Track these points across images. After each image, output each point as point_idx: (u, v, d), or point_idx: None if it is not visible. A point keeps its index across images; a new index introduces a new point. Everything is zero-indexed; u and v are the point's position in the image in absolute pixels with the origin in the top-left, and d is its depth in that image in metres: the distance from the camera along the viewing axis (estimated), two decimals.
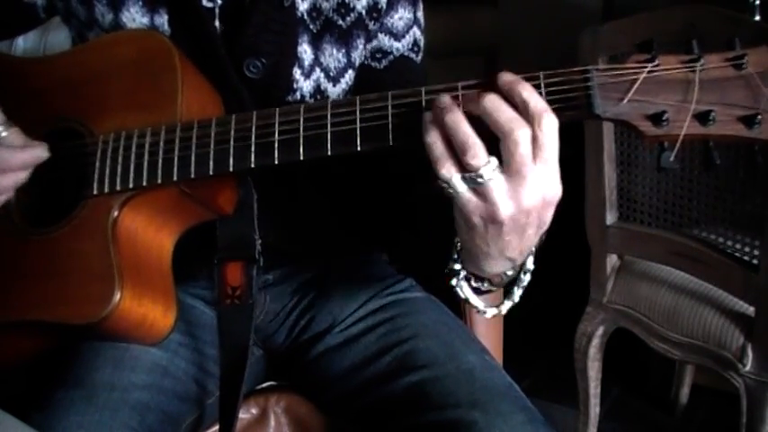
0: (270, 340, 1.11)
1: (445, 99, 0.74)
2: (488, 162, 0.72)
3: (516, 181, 0.72)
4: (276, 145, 0.83)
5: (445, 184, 0.73)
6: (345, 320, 1.06)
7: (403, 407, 0.94)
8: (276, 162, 0.84)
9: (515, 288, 0.84)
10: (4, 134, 0.87)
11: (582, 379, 1.79)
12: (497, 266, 0.80)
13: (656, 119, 0.73)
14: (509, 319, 1.26)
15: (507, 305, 0.85)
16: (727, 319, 1.49)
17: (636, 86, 0.73)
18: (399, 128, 0.79)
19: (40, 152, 0.89)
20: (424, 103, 0.78)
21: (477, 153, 0.71)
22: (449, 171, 0.73)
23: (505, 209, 0.72)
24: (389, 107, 0.80)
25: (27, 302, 0.90)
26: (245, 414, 1.08)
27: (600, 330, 1.73)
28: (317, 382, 1.06)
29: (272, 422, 1.10)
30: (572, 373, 1.80)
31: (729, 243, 1.48)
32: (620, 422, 2.08)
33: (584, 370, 1.77)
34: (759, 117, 0.72)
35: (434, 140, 0.73)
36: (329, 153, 0.81)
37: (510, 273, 0.83)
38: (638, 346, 1.70)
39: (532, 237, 0.76)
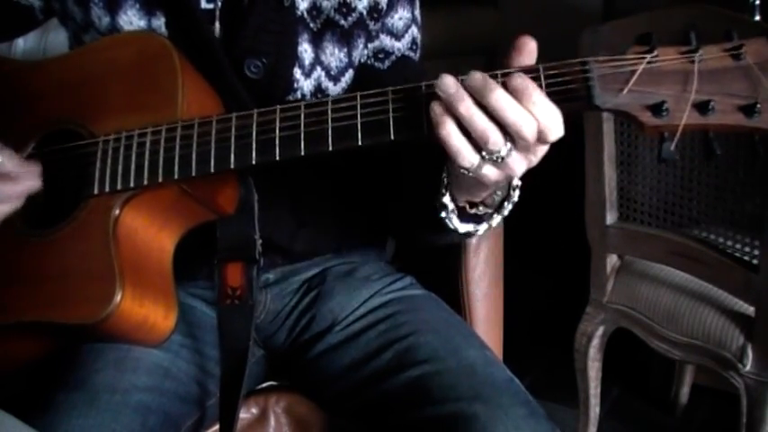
0: (270, 340, 1.11)
1: (449, 82, 0.74)
2: (506, 143, 0.74)
3: (526, 152, 0.76)
4: (277, 141, 0.84)
5: (465, 171, 0.76)
6: (346, 319, 1.06)
7: (404, 402, 0.94)
8: (277, 158, 0.84)
9: (506, 203, 0.88)
10: None
11: (582, 379, 1.79)
12: (491, 191, 0.85)
13: (656, 109, 0.74)
14: (509, 318, 1.26)
15: (497, 218, 0.89)
16: (728, 319, 1.49)
17: (635, 77, 0.74)
18: (400, 122, 0.80)
19: (32, 183, 0.89)
20: (424, 98, 0.78)
21: (498, 140, 0.74)
22: (471, 159, 0.75)
23: (520, 169, 0.77)
24: (390, 102, 0.80)
25: (28, 303, 0.90)
26: (246, 414, 1.08)
27: (600, 330, 1.73)
28: (317, 381, 1.06)
29: (272, 422, 1.10)
30: (572, 373, 1.80)
31: (729, 243, 1.48)
32: (620, 422, 2.08)
33: (584, 370, 1.77)
34: (758, 106, 0.72)
35: (450, 132, 0.74)
36: (330, 149, 0.82)
37: (500, 193, 0.87)
38: (638, 346, 1.70)
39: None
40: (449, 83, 0.74)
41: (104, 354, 0.96)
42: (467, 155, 0.74)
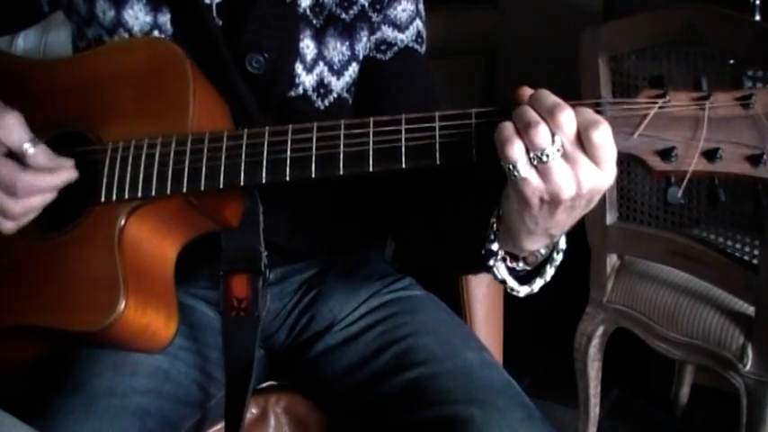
0: (271, 340, 1.11)
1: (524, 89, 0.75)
2: (554, 142, 0.72)
3: (573, 164, 0.73)
4: (288, 162, 0.83)
5: (510, 166, 0.73)
6: (345, 319, 1.06)
7: (401, 404, 0.94)
8: (288, 179, 0.83)
9: (548, 266, 0.84)
10: (30, 151, 0.86)
11: (582, 379, 1.79)
12: (537, 243, 0.81)
13: (665, 154, 0.74)
14: (509, 318, 1.26)
15: (539, 282, 0.85)
16: (727, 319, 1.49)
17: (646, 121, 0.74)
18: (412, 151, 0.79)
19: (68, 175, 0.88)
20: (437, 128, 0.78)
21: (543, 131, 0.72)
22: (516, 152, 0.72)
23: (568, 190, 0.73)
24: (403, 131, 0.80)
25: (30, 308, 0.89)
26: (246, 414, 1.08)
27: (600, 330, 1.73)
28: (316, 381, 1.06)
29: (272, 422, 1.10)
30: (572, 373, 1.80)
31: (729, 243, 1.48)
32: (620, 422, 2.08)
33: (584, 370, 1.77)
34: (765, 157, 0.73)
35: (503, 122, 0.74)
36: (341, 173, 0.82)
37: (543, 252, 0.83)
38: (638, 346, 1.70)
39: (578, 216, 0.77)
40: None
41: (103, 357, 0.95)
42: (513, 144, 0.72)
